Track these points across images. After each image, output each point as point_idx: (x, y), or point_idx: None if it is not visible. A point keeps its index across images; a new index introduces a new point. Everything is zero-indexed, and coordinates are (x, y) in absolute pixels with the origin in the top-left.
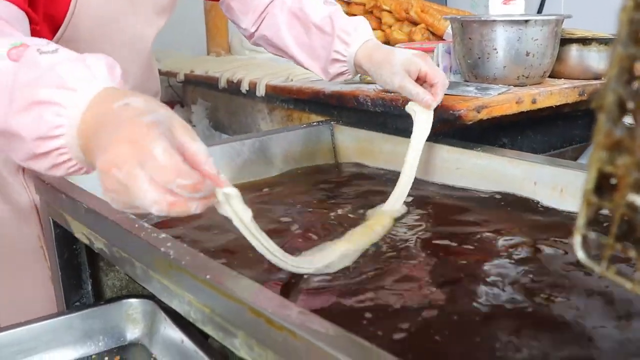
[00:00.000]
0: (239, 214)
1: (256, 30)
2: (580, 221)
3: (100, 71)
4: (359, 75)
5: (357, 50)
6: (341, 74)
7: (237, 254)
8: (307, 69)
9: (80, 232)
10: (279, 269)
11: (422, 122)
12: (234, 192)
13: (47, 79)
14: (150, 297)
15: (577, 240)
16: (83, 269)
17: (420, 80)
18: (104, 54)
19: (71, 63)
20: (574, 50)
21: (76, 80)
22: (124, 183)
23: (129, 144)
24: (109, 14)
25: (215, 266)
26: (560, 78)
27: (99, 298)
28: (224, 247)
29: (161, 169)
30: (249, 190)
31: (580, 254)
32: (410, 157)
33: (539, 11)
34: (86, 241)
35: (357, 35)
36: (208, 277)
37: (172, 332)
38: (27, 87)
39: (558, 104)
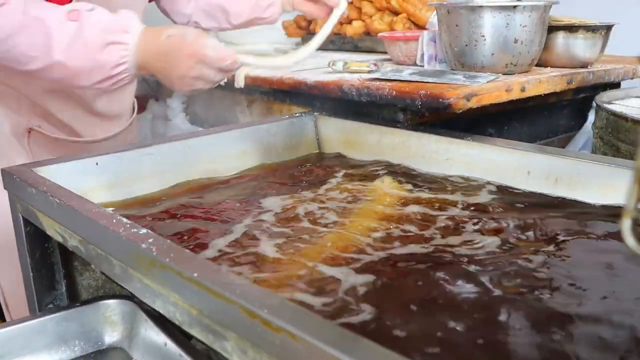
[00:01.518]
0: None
1: (194, 10)
2: (631, 203)
3: (135, 18)
4: (342, 64)
5: None
6: (270, 5)
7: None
8: (239, 23)
9: (53, 229)
10: None
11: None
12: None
13: (110, 27)
14: (130, 297)
15: (626, 224)
16: (56, 269)
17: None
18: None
19: (118, 16)
20: (560, 37)
21: (126, 26)
22: (196, 76)
23: (192, 56)
24: None
25: (203, 263)
26: (547, 66)
27: (74, 299)
28: None
29: (217, 60)
30: (228, 183)
31: (630, 241)
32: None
33: None
34: (59, 239)
35: None
36: (195, 275)
37: (154, 335)
38: (98, 35)
39: (546, 92)
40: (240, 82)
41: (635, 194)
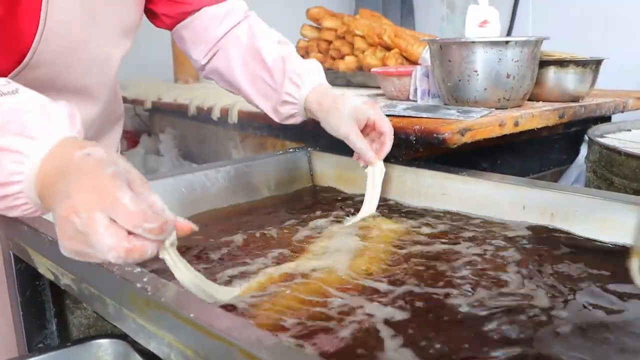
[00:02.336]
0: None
1: (207, 63)
2: (638, 242)
3: (61, 120)
4: None
5: (307, 94)
6: (292, 116)
7: None
8: (258, 107)
9: (45, 266)
10: None
11: (374, 174)
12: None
13: (9, 126)
14: (122, 336)
15: (635, 264)
16: (47, 307)
17: (369, 129)
18: (74, 75)
19: (33, 112)
20: (551, 72)
21: (37, 128)
22: (81, 230)
23: (92, 192)
24: (76, 37)
25: (199, 303)
26: (539, 101)
27: (65, 338)
28: None
29: (130, 215)
30: (222, 219)
31: (639, 281)
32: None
33: (508, 34)
34: (51, 277)
35: (308, 78)
36: (192, 315)
37: None
38: None
39: (539, 126)
40: (233, 118)
41: None
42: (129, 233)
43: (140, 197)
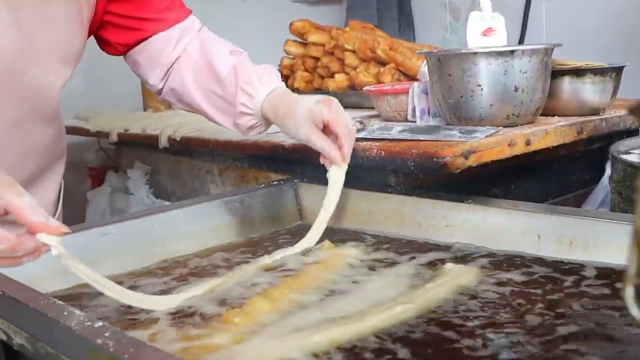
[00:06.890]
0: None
1: (164, 86)
2: (632, 269)
3: None
4: None
5: (262, 102)
6: (252, 127)
7: None
8: (220, 124)
9: None
10: None
11: (334, 177)
12: (54, 241)
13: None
14: None
15: (629, 292)
16: None
17: (327, 129)
18: (5, 109)
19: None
20: (566, 83)
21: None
22: None
23: None
24: (10, 63)
25: (166, 358)
26: (554, 115)
27: None
28: None
29: None
30: (196, 264)
31: (635, 311)
32: (321, 216)
33: (520, 44)
34: (2, 336)
35: (261, 87)
36: None
37: None
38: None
39: (555, 144)
40: (163, 142)
41: (636, 258)
42: None
43: (9, 204)
